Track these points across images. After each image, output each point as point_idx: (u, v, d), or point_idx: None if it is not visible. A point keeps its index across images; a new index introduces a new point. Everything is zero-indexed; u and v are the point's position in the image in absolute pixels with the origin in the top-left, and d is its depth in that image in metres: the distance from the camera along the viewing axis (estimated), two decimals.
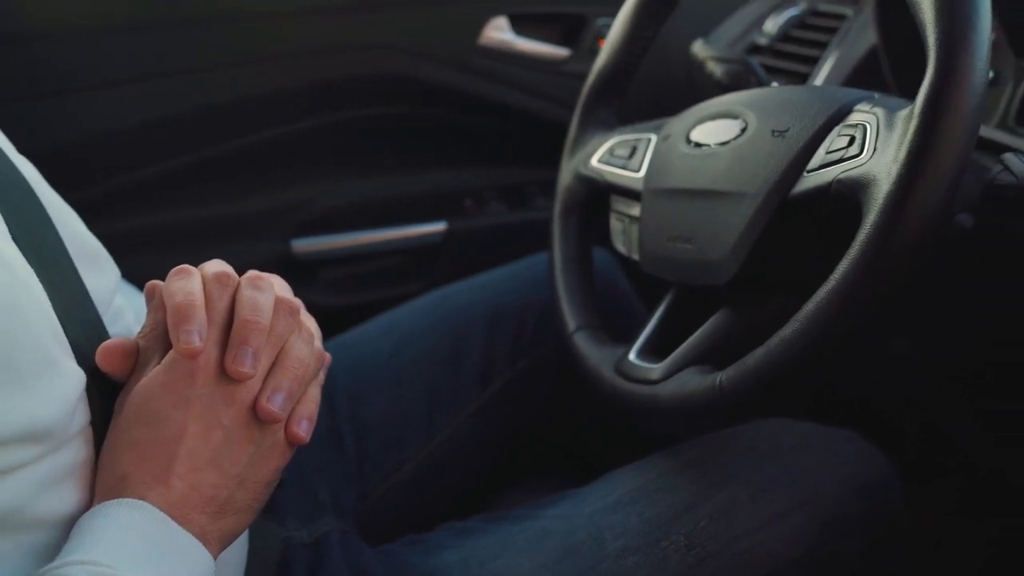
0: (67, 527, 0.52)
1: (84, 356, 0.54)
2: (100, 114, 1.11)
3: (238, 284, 0.56)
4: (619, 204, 0.83)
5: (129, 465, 0.51)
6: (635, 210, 0.79)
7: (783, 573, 0.70)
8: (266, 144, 1.21)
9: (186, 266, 0.57)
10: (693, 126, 0.76)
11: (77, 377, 0.52)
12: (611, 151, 0.83)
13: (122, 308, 0.67)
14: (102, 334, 0.59)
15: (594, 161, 0.84)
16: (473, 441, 0.90)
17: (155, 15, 1.09)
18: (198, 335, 0.53)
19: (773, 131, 0.67)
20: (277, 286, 0.58)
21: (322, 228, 1.25)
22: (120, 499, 0.50)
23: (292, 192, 1.24)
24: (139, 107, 1.12)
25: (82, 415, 0.53)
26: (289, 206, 1.23)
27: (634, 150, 0.81)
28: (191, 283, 0.55)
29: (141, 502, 0.50)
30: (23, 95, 1.07)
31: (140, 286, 0.82)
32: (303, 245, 1.24)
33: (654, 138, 0.80)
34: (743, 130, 0.71)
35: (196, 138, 1.17)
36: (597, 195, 0.85)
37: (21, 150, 0.66)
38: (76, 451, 0.53)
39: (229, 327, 0.54)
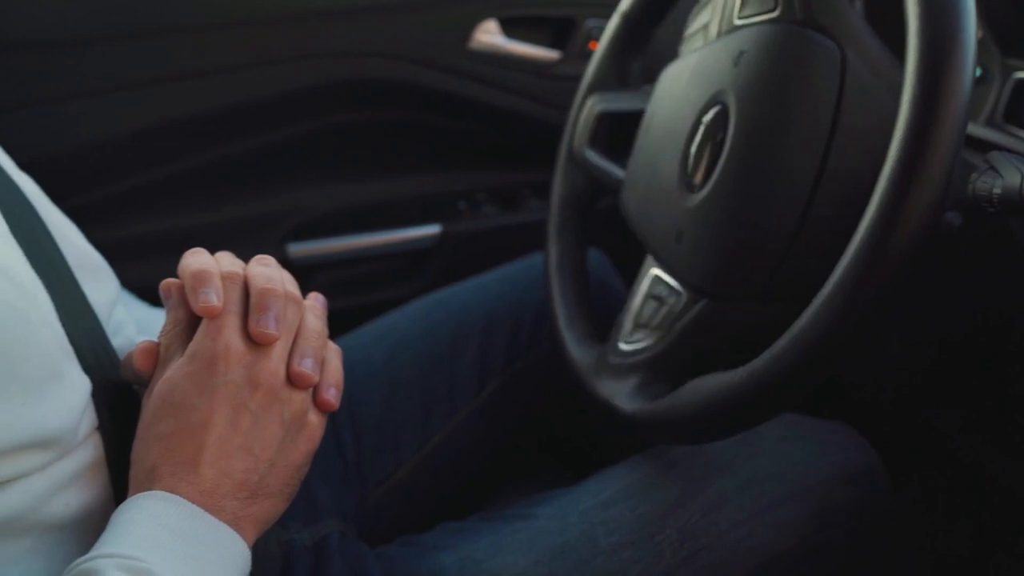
0: (73, 530, 0.53)
1: (89, 364, 0.55)
2: (93, 122, 1.11)
3: (247, 272, 0.57)
4: None
5: (158, 456, 0.52)
6: None
7: (774, 563, 0.70)
8: (261, 149, 1.22)
9: (199, 248, 0.58)
10: None
11: (83, 385, 0.54)
12: None
13: (123, 320, 0.68)
14: (105, 343, 0.60)
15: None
16: (468, 443, 0.90)
17: (146, 22, 1.09)
18: (215, 295, 0.54)
19: None
20: (287, 280, 0.59)
21: (317, 232, 1.25)
22: (151, 491, 0.51)
23: (287, 197, 1.24)
24: (133, 114, 1.12)
25: (88, 421, 0.54)
26: (284, 210, 1.24)
27: None
28: (205, 257, 0.57)
29: (171, 494, 0.51)
30: (14, 104, 1.07)
31: (135, 293, 0.84)
32: (298, 249, 1.24)
33: None
34: None
35: (191, 144, 1.18)
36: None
37: (14, 158, 0.67)
38: (83, 456, 0.54)
39: (245, 315, 0.55)
